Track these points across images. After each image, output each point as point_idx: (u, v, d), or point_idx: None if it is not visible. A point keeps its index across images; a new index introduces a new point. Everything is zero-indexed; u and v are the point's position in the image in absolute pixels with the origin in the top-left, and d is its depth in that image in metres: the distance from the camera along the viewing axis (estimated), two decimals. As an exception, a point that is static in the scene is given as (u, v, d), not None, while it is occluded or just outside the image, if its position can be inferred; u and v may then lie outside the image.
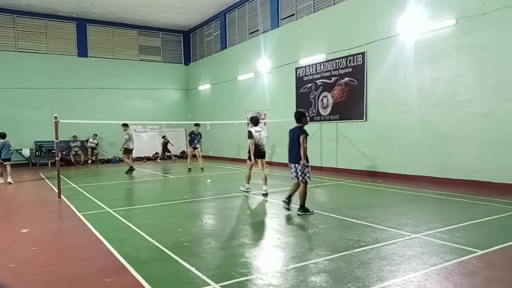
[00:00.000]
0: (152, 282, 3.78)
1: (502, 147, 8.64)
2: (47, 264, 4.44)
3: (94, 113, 18.79)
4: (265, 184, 8.80)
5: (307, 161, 6.60)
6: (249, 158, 8.89)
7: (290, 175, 7.00)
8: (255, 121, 9.10)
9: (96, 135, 19.31)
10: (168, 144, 20.17)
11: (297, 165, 6.65)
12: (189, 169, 14.57)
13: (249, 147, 8.80)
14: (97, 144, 19.52)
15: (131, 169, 14.08)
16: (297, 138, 6.61)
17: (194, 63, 22.62)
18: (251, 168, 9.10)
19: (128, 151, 14.22)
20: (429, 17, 9.96)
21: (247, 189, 9.19)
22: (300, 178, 6.67)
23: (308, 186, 6.80)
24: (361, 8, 11.91)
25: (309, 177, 6.68)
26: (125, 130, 14.08)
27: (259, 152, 8.89)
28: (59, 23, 19.22)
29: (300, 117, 6.78)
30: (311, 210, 6.70)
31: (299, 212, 6.65)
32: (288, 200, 6.89)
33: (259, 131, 8.93)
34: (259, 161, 8.90)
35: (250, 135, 8.75)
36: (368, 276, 3.81)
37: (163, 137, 20.14)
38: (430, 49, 10.02)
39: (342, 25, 12.61)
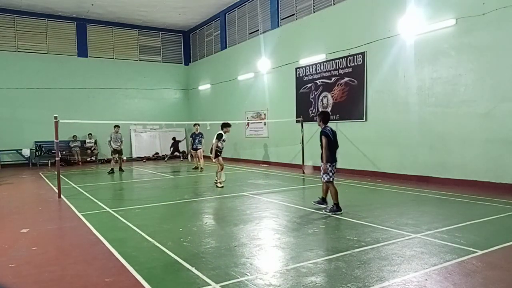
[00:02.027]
0: (152, 282, 3.78)
1: (502, 147, 8.64)
2: (47, 264, 4.44)
3: (94, 113, 18.81)
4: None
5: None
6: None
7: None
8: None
9: (91, 134, 19.28)
10: (179, 143, 20.10)
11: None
12: (196, 168, 14.72)
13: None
14: (95, 143, 19.50)
15: (113, 171, 14.33)
16: (336, 138, 7.00)
17: (194, 63, 22.62)
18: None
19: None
20: (429, 17, 9.96)
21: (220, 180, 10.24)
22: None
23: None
24: (361, 8, 11.91)
25: None
26: (119, 132, 14.46)
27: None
28: (59, 23, 19.22)
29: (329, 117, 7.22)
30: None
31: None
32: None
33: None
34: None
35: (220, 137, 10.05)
36: (368, 276, 3.81)
37: (173, 138, 20.16)
38: (430, 49, 10.02)
39: (342, 25, 12.61)
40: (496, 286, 3.58)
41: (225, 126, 10.15)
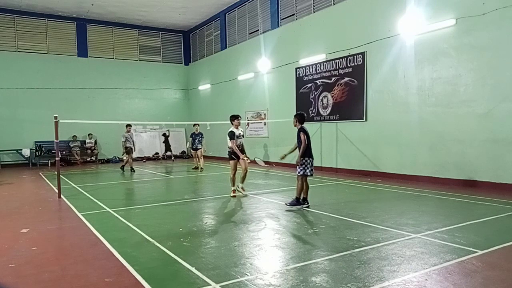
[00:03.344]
0: (152, 282, 3.78)
1: (502, 147, 8.64)
2: (47, 264, 4.44)
3: (94, 113, 18.82)
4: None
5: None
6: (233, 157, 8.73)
7: (294, 173, 7.35)
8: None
9: (91, 134, 19.29)
10: (168, 138, 20.13)
11: None
12: (196, 168, 14.70)
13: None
14: (95, 143, 19.51)
15: (133, 169, 14.65)
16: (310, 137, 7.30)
17: (194, 63, 22.62)
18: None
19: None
20: (429, 17, 9.96)
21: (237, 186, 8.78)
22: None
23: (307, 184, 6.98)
24: (361, 8, 11.91)
25: None
26: (131, 131, 14.74)
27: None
28: (59, 23, 19.22)
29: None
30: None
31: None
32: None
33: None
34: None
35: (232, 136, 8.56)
36: (368, 276, 3.81)
37: (163, 134, 20.18)
38: (430, 49, 10.02)
39: (342, 25, 12.61)
40: (496, 286, 3.58)
41: (232, 119, 8.77)
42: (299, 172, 7.14)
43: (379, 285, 3.61)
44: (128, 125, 14.71)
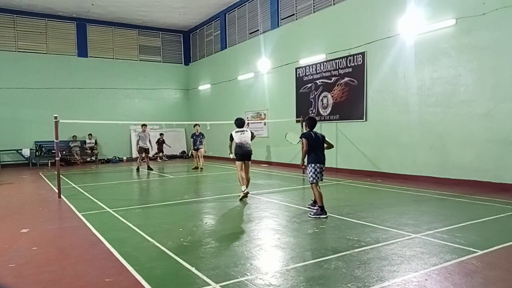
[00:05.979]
0: (152, 282, 3.78)
1: (502, 147, 8.64)
2: (47, 264, 4.44)
3: (94, 113, 18.83)
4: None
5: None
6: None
7: (306, 177, 6.92)
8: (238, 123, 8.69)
9: (91, 134, 19.28)
10: (164, 144, 20.11)
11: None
12: (196, 168, 14.68)
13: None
14: (96, 143, 19.50)
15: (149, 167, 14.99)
16: (323, 140, 6.80)
17: (194, 63, 22.62)
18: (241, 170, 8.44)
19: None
20: (429, 17, 9.96)
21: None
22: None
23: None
24: (361, 8, 11.91)
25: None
26: (146, 130, 14.96)
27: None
28: (59, 23, 19.21)
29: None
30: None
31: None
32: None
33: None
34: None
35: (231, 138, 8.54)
36: (368, 276, 3.81)
37: (161, 134, 20.13)
38: (430, 49, 10.02)
39: (342, 25, 12.61)
40: (496, 286, 3.58)
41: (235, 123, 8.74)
42: (310, 181, 6.66)
43: (379, 285, 3.61)
44: (143, 125, 14.89)
